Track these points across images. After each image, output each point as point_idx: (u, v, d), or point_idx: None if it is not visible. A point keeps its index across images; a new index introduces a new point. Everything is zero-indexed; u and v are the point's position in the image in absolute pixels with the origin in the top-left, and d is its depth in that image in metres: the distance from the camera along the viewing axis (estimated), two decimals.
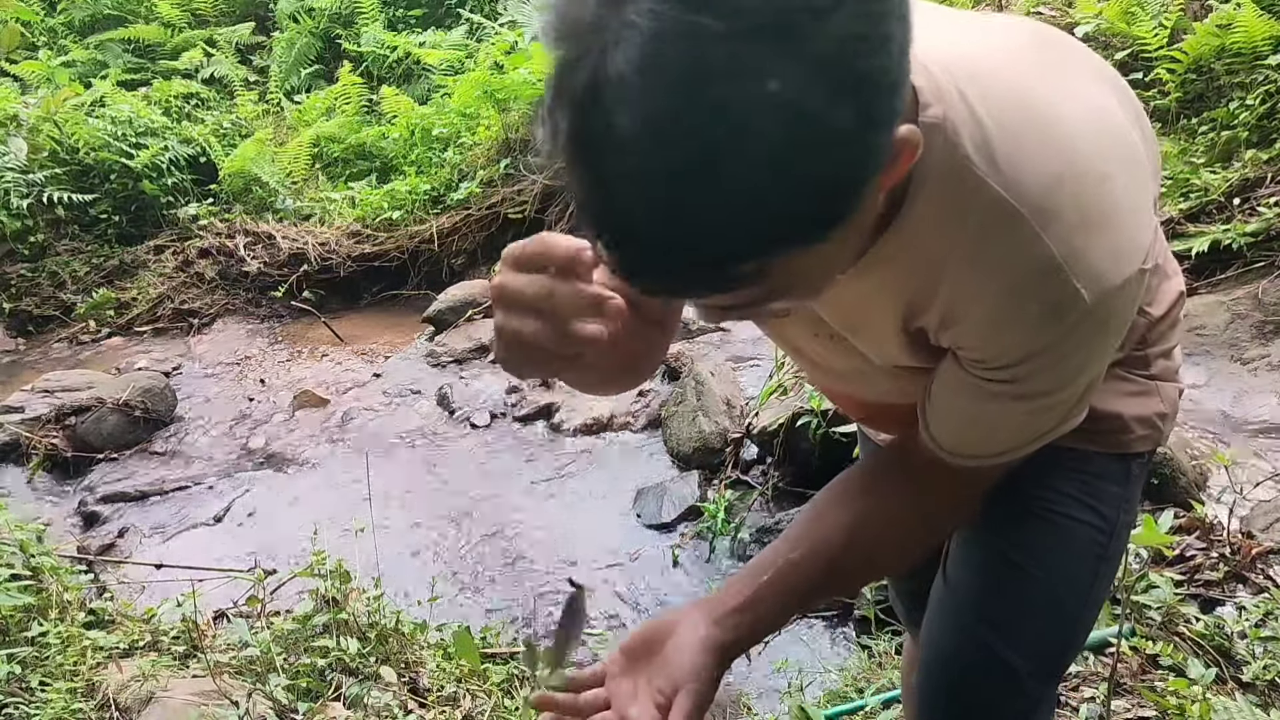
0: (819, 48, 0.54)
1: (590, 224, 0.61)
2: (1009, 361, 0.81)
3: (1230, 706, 1.74)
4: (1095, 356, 0.84)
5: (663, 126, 0.54)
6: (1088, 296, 0.75)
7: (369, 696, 2.10)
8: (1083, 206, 0.75)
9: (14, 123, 6.34)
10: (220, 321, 5.99)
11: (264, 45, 8.43)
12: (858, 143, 0.57)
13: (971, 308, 0.80)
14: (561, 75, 0.58)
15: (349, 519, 3.06)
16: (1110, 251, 0.76)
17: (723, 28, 0.53)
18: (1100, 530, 1.04)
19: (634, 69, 0.54)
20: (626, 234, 0.60)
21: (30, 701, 2.01)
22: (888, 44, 0.57)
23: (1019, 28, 0.87)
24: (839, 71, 0.55)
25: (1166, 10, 4.64)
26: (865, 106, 0.56)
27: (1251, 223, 3.79)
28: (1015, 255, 0.75)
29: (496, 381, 4.81)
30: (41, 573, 2.51)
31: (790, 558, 0.93)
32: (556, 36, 0.59)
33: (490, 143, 6.24)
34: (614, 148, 0.56)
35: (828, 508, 0.97)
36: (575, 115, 0.57)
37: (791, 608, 0.93)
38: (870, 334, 0.91)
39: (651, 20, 0.54)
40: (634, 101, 0.54)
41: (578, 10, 0.57)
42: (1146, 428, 1.03)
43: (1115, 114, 0.82)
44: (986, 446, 0.90)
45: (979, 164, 0.74)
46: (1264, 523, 2.49)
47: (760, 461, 3.54)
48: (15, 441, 4.32)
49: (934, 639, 1.10)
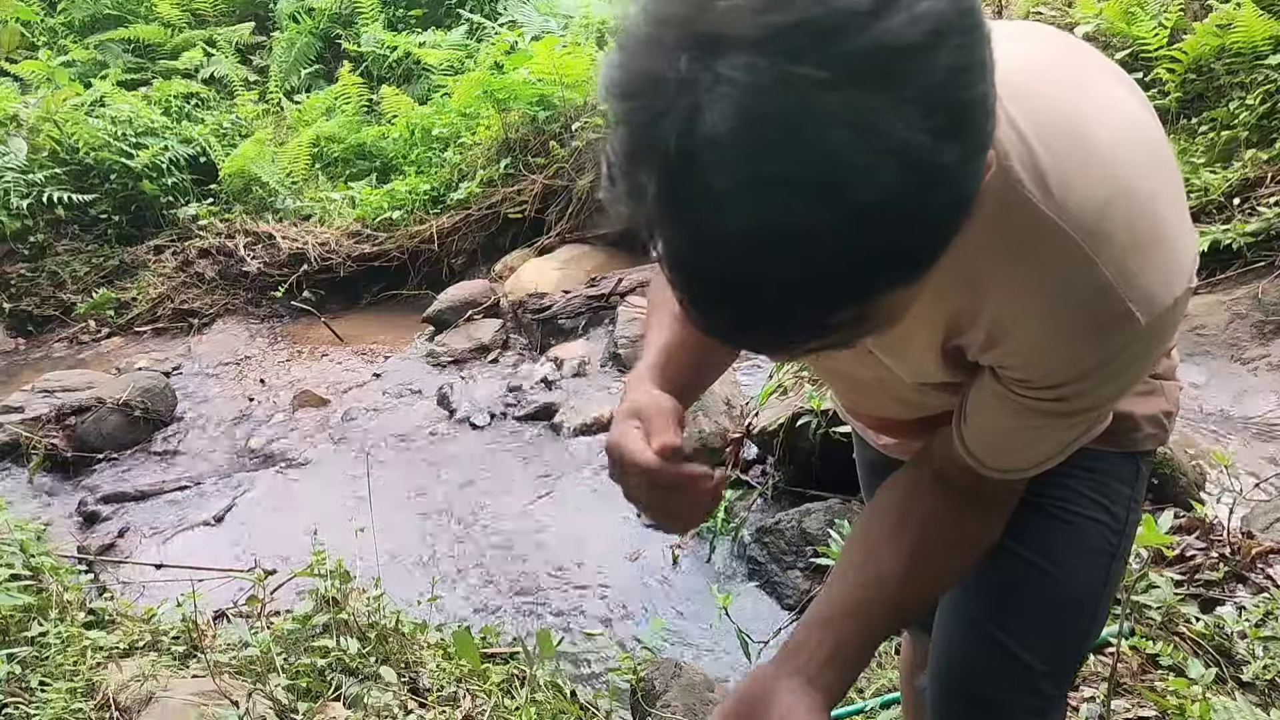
0: (923, 87, 0.53)
1: (687, 285, 0.60)
2: (1056, 381, 0.80)
3: (1230, 706, 1.74)
4: (1140, 373, 0.85)
5: (769, 183, 0.53)
6: (1142, 318, 0.75)
7: (369, 696, 2.10)
8: (1134, 228, 0.74)
9: (14, 123, 6.35)
10: (220, 321, 5.99)
11: (264, 45, 8.44)
12: (963, 176, 0.56)
13: (1018, 329, 0.79)
14: (639, 132, 0.55)
15: (349, 519, 3.06)
16: (1162, 271, 0.76)
17: (825, 76, 0.51)
18: (1111, 529, 1.04)
19: (735, 126, 0.52)
20: (732, 295, 0.58)
21: (30, 701, 2.01)
22: (984, 70, 0.56)
23: (1039, 36, 0.87)
24: (944, 109, 0.54)
25: (1166, 10, 4.64)
26: (968, 138, 0.56)
27: (1251, 223, 3.79)
28: (1068, 279, 0.74)
29: (496, 381, 4.82)
30: (41, 573, 2.52)
31: (858, 608, 0.91)
32: (627, 91, 0.56)
33: (490, 143, 6.24)
34: (714, 208, 0.54)
35: (877, 546, 0.95)
36: (667, 176, 0.55)
37: (867, 658, 0.93)
38: (908, 351, 0.91)
39: (749, 74, 0.51)
40: (737, 160, 0.52)
41: (655, 65, 0.54)
42: (1154, 426, 1.04)
43: (1150, 122, 0.81)
44: (1027, 459, 0.91)
45: (1030, 187, 0.73)
46: (1264, 523, 2.49)
47: (760, 461, 3.54)
48: (15, 441, 4.32)
49: (947, 639, 1.10)
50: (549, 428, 4.34)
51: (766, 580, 3.02)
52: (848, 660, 0.89)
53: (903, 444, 1.16)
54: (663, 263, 0.60)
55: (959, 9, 0.55)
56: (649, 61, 0.55)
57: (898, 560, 0.92)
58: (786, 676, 0.86)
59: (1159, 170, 0.78)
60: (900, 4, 0.52)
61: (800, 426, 3.21)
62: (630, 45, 0.56)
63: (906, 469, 1.01)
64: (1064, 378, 0.80)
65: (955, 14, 0.54)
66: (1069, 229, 0.73)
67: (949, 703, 1.09)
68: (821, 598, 0.93)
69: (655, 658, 2.59)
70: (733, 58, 0.52)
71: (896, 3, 0.52)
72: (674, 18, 0.54)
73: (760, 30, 0.52)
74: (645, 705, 2.30)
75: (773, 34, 0.52)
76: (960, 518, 0.95)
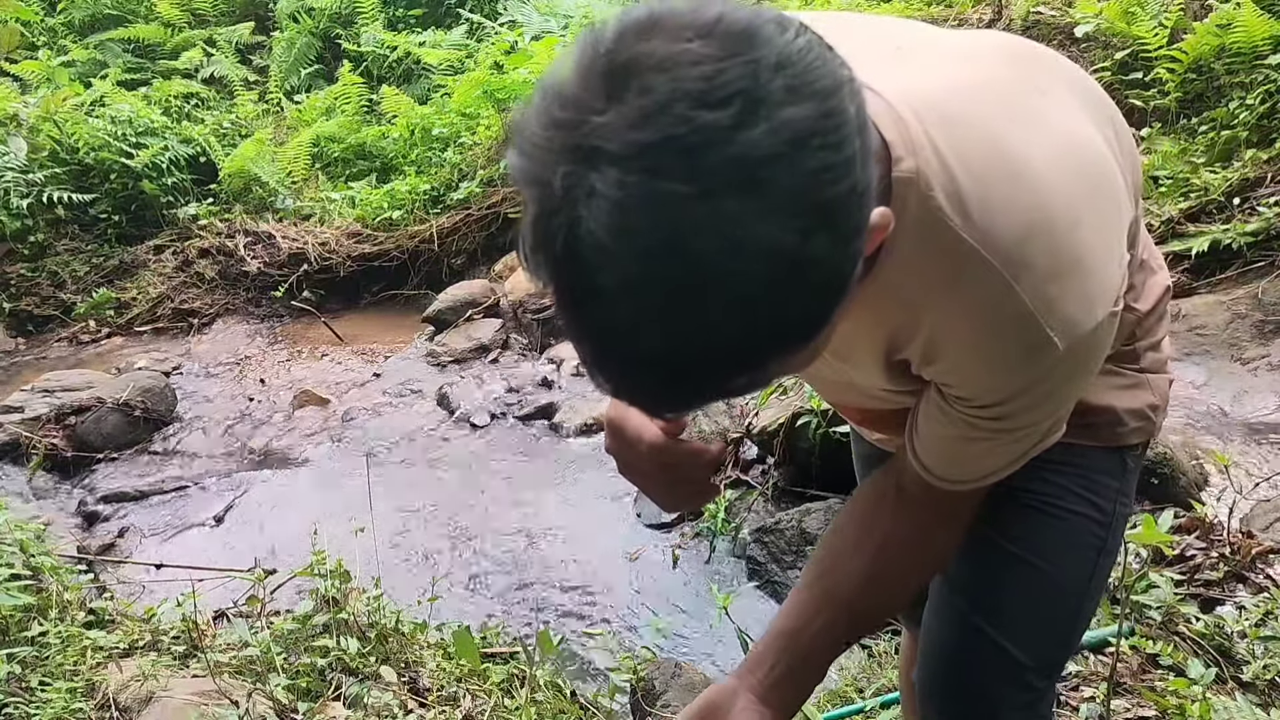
0: (786, 191, 0.55)
1: (585, 361, 0.63)
2: (992, 401, 0.84)
3: (1230, 706, 1.74)
4: (1076, 389, 0.87)
5: (645, 288, 0.56)
6: (1060, 343, 0.77)
7: (369, 696, 2.10)
8: (1054, 255, 0.76)
9: (14, 122, 6.35)
10: (220, 321, 5.99)
11: (264, 45, 8.43)
12: (837, 261, 0.59)
13: (951, 349, 0.82)
14: (536, 223, 0.59)
15: (349, 519, 3.06)
16: (1082, 298, 0.78)
17: (691, 190, 0.54)
18: (1098, 523, 1.05)
19: (609, 235, 0.55)
20: (622, 376, 0.63)
21: (30, 701, 2.01)
22: (850, 164, 0.58)
23: (987, 47, 0.88)
24: (809, 208, 0.56)
25: (1166, 10, 4.65)
26: (840, 227, 0.58)
27: (1251, 222, 3.79)
28: (989, 304, 0.77)
29: (496, 381, 4.82)
30: (41, 573, 2.51)
31: (818, 619, 0.96)
32: (524, 182, 0.59)
33: (490, 143, 6.24)
34: (599, 304, 0.58)
35: (839, 558, 1.00)
36: (557, 272, 0.59)
37: (825, 668, 0.99)
38: (855, 363, 0.93)
39: (619, 190, 0.54)
40: (613, 265, 0.56)
41: (542, 170, 0.57)
42: (1139, 420, 1.04)
43: (1087, 142, 0.82)
44: (975, 470, 0.93)
45: (952, 216, 0.75)
46: (1264, 522, 2.49)
47: (760, 461, 3.54)
48: (15, 441, 4.32)
49: (934, 632, 1.11)
50: (549, 428, 4.34)
51: (766, 580, 3.02)
52: (804, 675, 0.96)
53: (894, 439, 1.16)
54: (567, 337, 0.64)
55: (821, 110, 0.57)
56: (537, 165, 0.58)
57: (856, 577, 0.97)
58: (745, 691, 0.93)
59: (1089, 197, 0.79)
60: (760, 115, 0.55)
61: (800, 426, 3.21)
62: (525, 146, 0.59)
63: (871, 480, 1.04)
64: (997, 398, 0.83)
65: (817, 116, 0.56)
66: (989, 255, 0.75)
67: (938, 696, 1.10)
68: (787, 606, 0.99)
69: (655, 658, 2.59)
70: (606, 172, 0.55)
71: (756, 114, 0.55)
72: (560, 123, 0.57)
73: (629, 148, 0.54)
74: (645, 705, 2.30)
75: (640, 151, 0.54)
76: (919, 531, 0.98)
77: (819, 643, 0.96)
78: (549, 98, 0.58)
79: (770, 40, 0.57)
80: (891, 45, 0.86)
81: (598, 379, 0.64)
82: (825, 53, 0.60)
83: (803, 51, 0.57)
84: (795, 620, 0.96)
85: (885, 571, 0.97)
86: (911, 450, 0.93)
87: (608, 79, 0.56)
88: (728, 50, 0.55)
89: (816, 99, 0.57)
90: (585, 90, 0.57)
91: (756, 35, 0.57)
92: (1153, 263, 1.04)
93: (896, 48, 0.85)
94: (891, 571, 0.98)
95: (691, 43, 0.56)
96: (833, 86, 0.58)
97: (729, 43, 0.56)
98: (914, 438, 0.93)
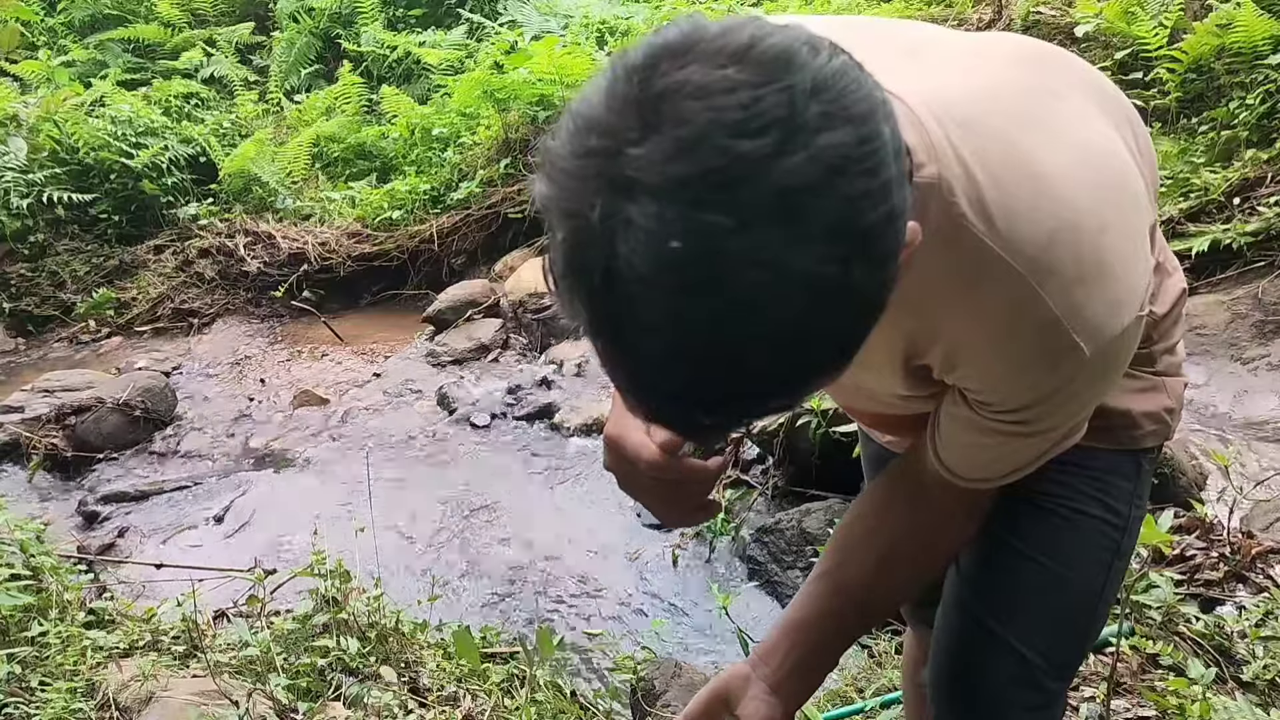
0: (825, 220, 0.55)
1: (621, 388, 0.63)
2: (1016, 405, 0.83)
3: (1230, 706, 1.74)
4: (1100, 393, 0.87)
5: (688, 321, 0.55)
6: (1086, 349, 0.77)
7: (369, 696, 2.10)
8: (1080, 260, 0.75)
9: (14, 122, 6.35)
10: (220, 321, 5.99)
11: (264, 45, 8.43)
12: (873, 288, 0.59)
13: (973, 355, 0.82)
14: (571, 254, 0.58)
15: (349, 519, 3.06)
16: (1108, 303, 0.77)
17: (731, 223, 0.53)
18: (1113, 526, 1.05)
19: (650, 269, 0.54)
20: (661, 405, 0.63)
21: (30, 701, 2.01)
22: (888, 188, 0.57)
23: (1002, 50, 0.87)
24: (848, 236, 0.56)
25: (1166, 10, 4.64)
26: (878, 253, 0.58)
27: (1251, 222, 3.79)
28: (1013, 311, 0.76)
29: (496, 381, 4.82)
30: (41, 573, 2.51)
31: (829, 609, 0.98)
32: (555, 215, 0.58)
33: (490, 143, 6.24)
34: (637, 334, 0.57)
35: (851, 552, 1.01)
36: (593, 303, 0.58)
37: (837, 657, 1.01)
38: (873, 369, 0.93)
39: (657, 223, 0.53)
40: (655, 298, 0.55)
41: (576, 201, 0.56)
42: (1155, 423, 1.04)
43: (1108, 144, 0.82)
44: (997, 470, 0.93)
45: (975, 222, 0.74)
46: (1264, 522, 2.49)
47: (760, 461, 3.54)
48: (15, 441, 4.32)
49: (949, 634, 1.10)
50: (549, 428, 4.34)
51: (766, 580, 3.02)
52: (815, 666, 0.98)
53: (904, 441, 1.16)
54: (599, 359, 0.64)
55: (858, 136, 0.56)
56: (570, 195, 0.57)
57: (867, 569, 0.98)
58: (757, 680, 0.96)
59: (1112, 201, 0.79)
60: (799, 142, 0.54)
61: (800, 426, 3.21)
62: (555, 174, 0.58)
63: (888, 472, 1.04)
64: (1020, 403, 0.83)
65: (855, 142, 0.56)
66: (1014, 262, 0.74)
67: (951, 698, 1.10)
68: (799, 597, 1.00)
69: (655, 658, 2.59)
70: (644, 204, 0.54)
71: (795, 141, 0.54)
72: (594, 151, 0.56)
73: (667, 181, 0.54)
74: (645, 705, 2.30)
75: (678, 184, 0.53)
76: (935, 524, 0.99)
77: (830, 632, 0.97)
78: (580, 124, 0.57)
79: (805, 65, 0.56)
80: (902, 47, 0.85)
81: (634, 407, 0.64)
82: (859, 75, 0.59)
83: (837, 75, 0.57)
84: (807, 610, 0.98)
85: (898, 563, 0.98)
86: (933, 450, 0.94)
87: (642, 107, 0.55)
88: (763, 77, 0.54)
89: (853, 124, 0.56)
90: (619, 118, 0.56)
91: (792, 60, 0.55)
92: (1168, 265, 1.04)
93: (908, 50, 0.85)
94: (904, 563, 0.99)
95: (726, 69, 0.55)
96: (868, 111, 0.57)
97: (764, 69, 0.55)
98: (935, 438, 0.93)
